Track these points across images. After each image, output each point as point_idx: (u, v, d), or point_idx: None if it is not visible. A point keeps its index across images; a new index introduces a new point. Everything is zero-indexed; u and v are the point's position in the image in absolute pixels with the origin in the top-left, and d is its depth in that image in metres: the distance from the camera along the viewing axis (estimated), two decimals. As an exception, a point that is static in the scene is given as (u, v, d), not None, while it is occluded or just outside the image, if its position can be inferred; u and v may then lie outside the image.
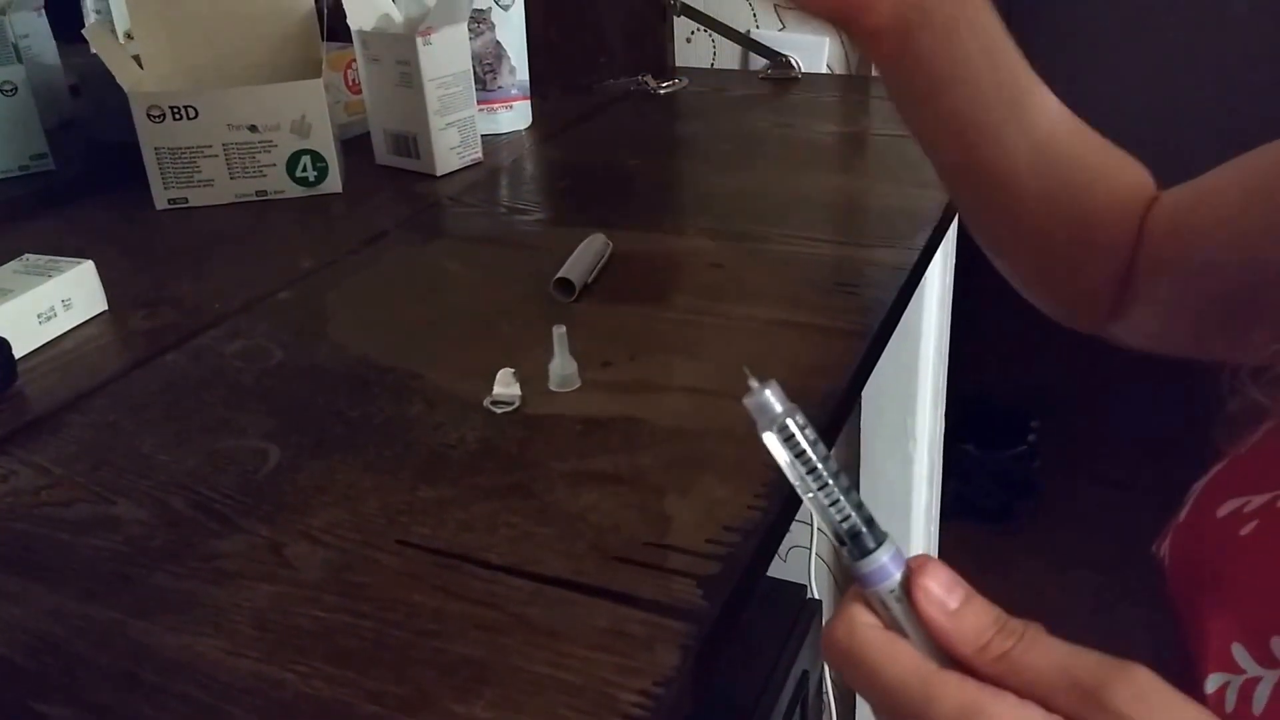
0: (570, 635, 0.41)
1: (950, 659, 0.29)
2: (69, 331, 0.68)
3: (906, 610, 0.30)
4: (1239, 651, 0.33)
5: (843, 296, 0.68)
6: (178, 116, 0.86)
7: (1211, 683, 0.34)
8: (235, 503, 0.50)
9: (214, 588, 0.45)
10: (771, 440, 0.32)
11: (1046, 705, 0.27)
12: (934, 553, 1.55)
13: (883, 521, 0.31)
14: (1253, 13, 2.46)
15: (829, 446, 0.60)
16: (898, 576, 0.30)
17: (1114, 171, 0.52)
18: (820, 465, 0.31)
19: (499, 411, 0.56)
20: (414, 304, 0.72)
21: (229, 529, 0.48)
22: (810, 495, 0.32)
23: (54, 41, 1.10)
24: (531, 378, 0.58)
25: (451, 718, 0.37)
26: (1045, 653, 0.28)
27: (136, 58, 0.93)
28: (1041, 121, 0.51)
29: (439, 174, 0.94)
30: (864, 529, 0.31)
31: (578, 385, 0.58)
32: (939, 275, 1.29)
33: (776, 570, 0.97)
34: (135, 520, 0.49)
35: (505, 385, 0.58)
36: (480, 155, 0.98)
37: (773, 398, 0.32)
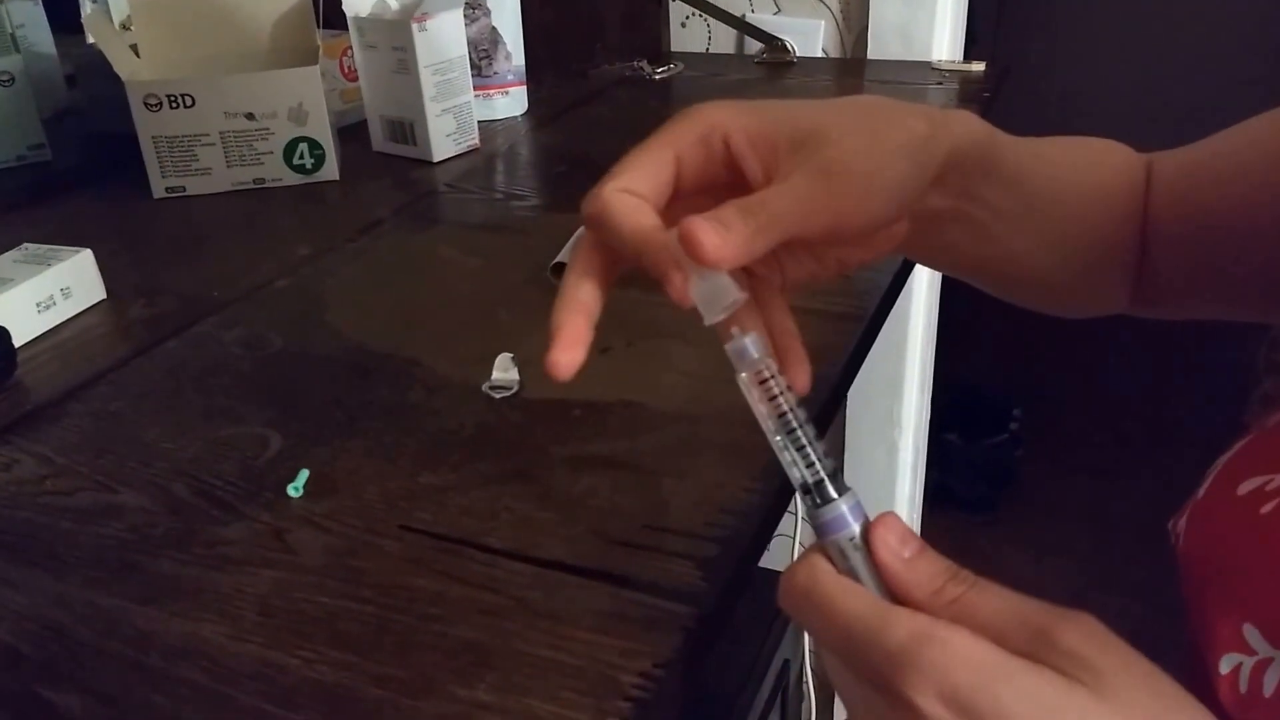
0: (571, 618, 0.41)
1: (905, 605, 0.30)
2: (68, 320, 0.68)
3: (864, 559, 0.31)
4: (1250, 633, 0.33)
5: (837, 281, 0.68)
6: (174, 105, 0.86)
7: (1225, 664, 0.34)
8: (237, 489, 0.50)
9: (217, 574, 0.45)
10: (745, 383, 0.34)
11: (998, 644, 0.28)
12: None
13: (867, 508, 0.32)
14: (1245, 6, 2.45)
15: (824, 429, 0.61)
16: (857, 527, 0.32)
17: (1096, 173, 0.50)
18: (790, 412, 0.33)
19: (498, 397, 0.57)
20: (412, 290, 0.72)
21: (231, 516, 0.49)
22: (779, 439, 0.33)
23: (51, 31, 1.10)
24: (530, 363, 0.59)
25: (454, 700, 0.38)
26: (997, 596, 0.29)
27: (133, 47, 0.93)
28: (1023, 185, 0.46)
29: (435, 160, 0.95)
30: (827, 478, 0.32)
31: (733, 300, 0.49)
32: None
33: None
34: (138, 508, 0.50)
35: (504, 370, 0.58)
36: (477, 141, 0.98)
37: (751, 345, 0.34)
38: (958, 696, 0.27)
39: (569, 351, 0.36)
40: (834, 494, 0.32)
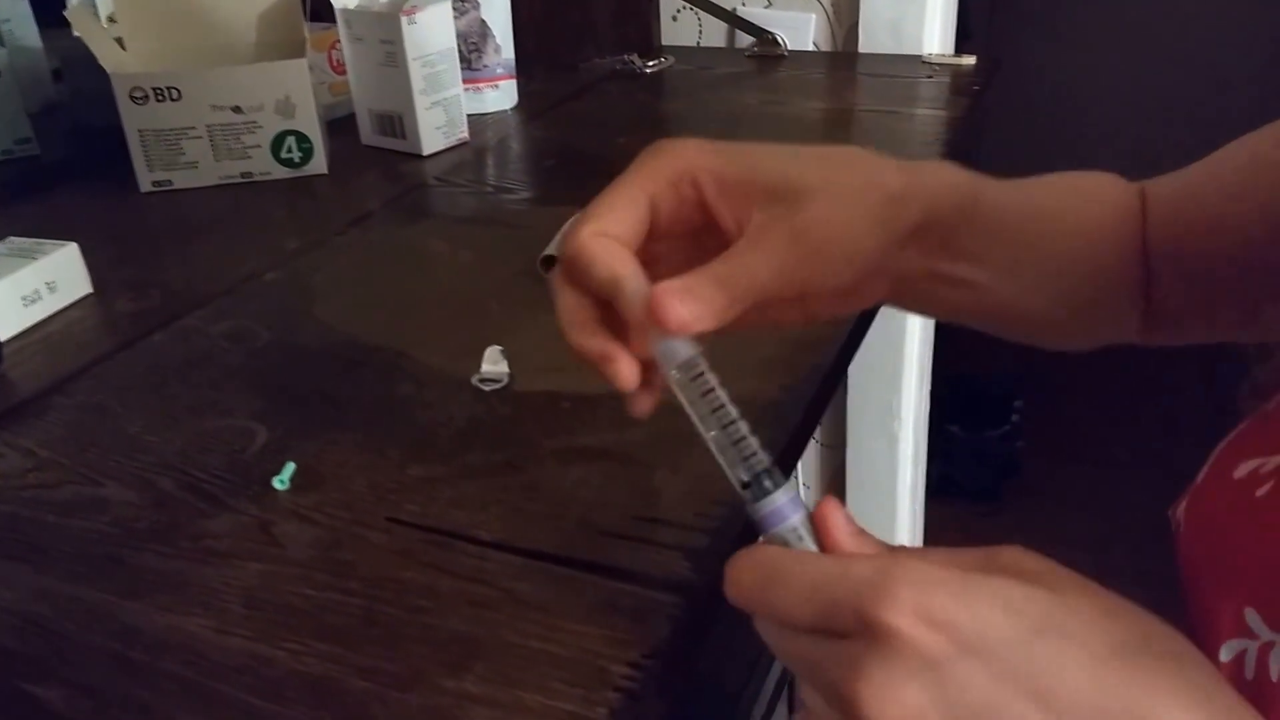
0: (560, 609, 0.41)
1: None
2: (54, 314, 0.68)
3: (811, 545, 0.32)
4: (1251, 617, 0.33)
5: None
6: (161, 98, 0.85)
7: (1226, 650, 0.33)
8: (223, 482, 0.50)
9: (203, 567, 0.44)
10: (675, 381, 0.34)
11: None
12: (919, 533, 1.56)
13: (868, 500, 0.33)
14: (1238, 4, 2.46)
15: (818, 418, 0.60)
16: (800, 515, 0.32)
17: (1087, 209, 0.49)
18: (726, 406, 0.33)
19: (487, 389, 0.56)
20: (401, 284, 0.72)
21: (217, 509, 0.48)
22: (716, 435, 0.33)
23: (36, 25, 1.09)
24: (519, 356, 0.58)
25: (442, 692, 0.37)
26: (936, 553, 0.30)
27: (119, 40, 0.92)
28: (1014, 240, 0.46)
29: (425, 154, 0.94)
30: (764, 472, 0.33)
31: None
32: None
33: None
34: (123, 501, 0.49)
35: (493, 363, 0.58)
36: (466, 135, 0.97)
37: (680, 343, 0.34)
38: (934, 612, 0.27)
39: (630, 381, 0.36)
40: (774, 486, 0.32)
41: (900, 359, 1.32)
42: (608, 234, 0.36)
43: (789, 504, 0.32)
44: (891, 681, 0.27)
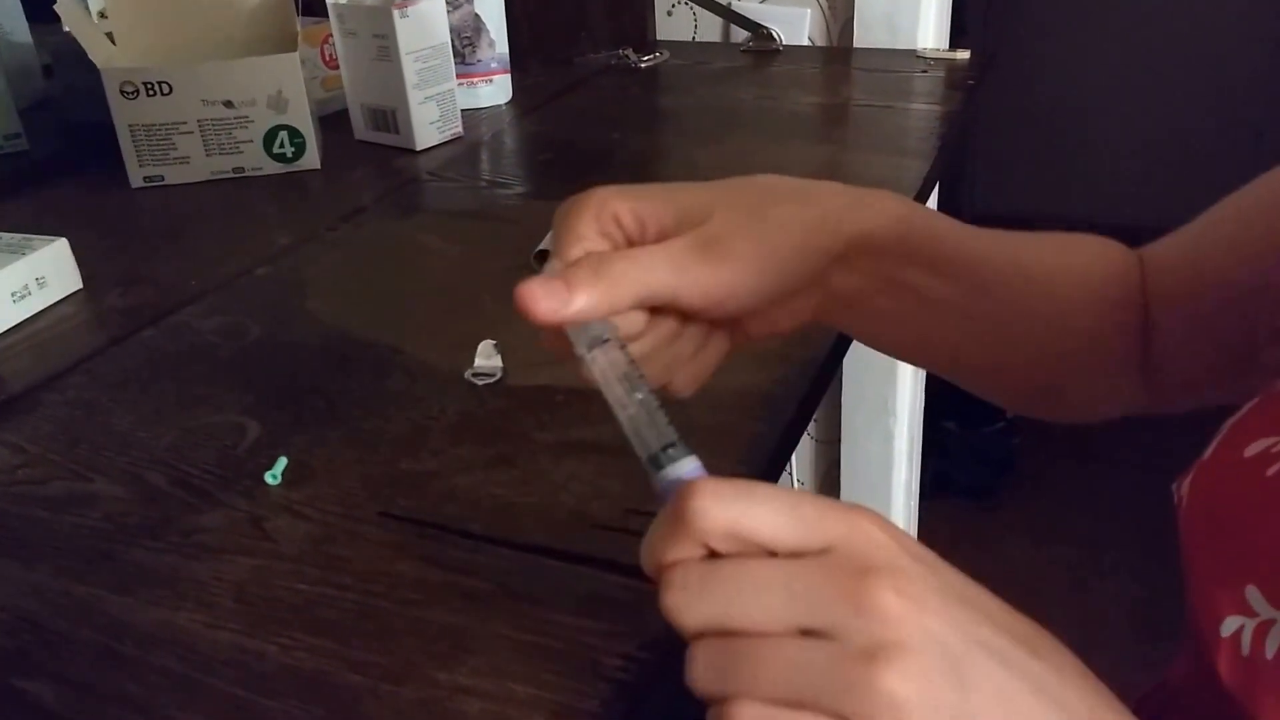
0: (553, 602, 0.41)
1: None
2: (44, 310, 0.67)
3: None
4: (1253, 594, 0.33)
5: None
6: (151, 93, 0.85)
7: (1227, 626, 0.33)
8: (214, 478, 0.50)
9: (194, 562, 0.44)
10: (591, 358, 0.34)
11: None
12: (914, 530, 1.55)
13: (863, 497, 0.33)
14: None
15: (812, 411, 0.60)
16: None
17: (1074, 263, 0.48)
18: (642, 376, 0.34)
19: (480, 383, 0.56)
20: (394, 279, 0.71)
21: (208, 504, 0.48)
22: (632, 405, 0.33)
23: (26, 20, 1.09)
24: (512, 350, 0.58)
25: (434, 685, 0.37)
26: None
27: (110, 35, 0.91)
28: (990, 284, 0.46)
29: (418, 149, 0.94)
30: (675, 444, 0.33)
31: None
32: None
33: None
34: (113, 497, 0.49)
35: (486, 357, 0.57)
36: (460, 129, 0.97)
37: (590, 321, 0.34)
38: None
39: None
40: (680, 456, 0.32)
41: (895, 354, 1.32)
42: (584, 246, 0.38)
43: (700, 467, 0.32)
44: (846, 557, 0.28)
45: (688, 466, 0.32)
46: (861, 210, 0.42)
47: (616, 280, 0.36)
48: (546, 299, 0.35)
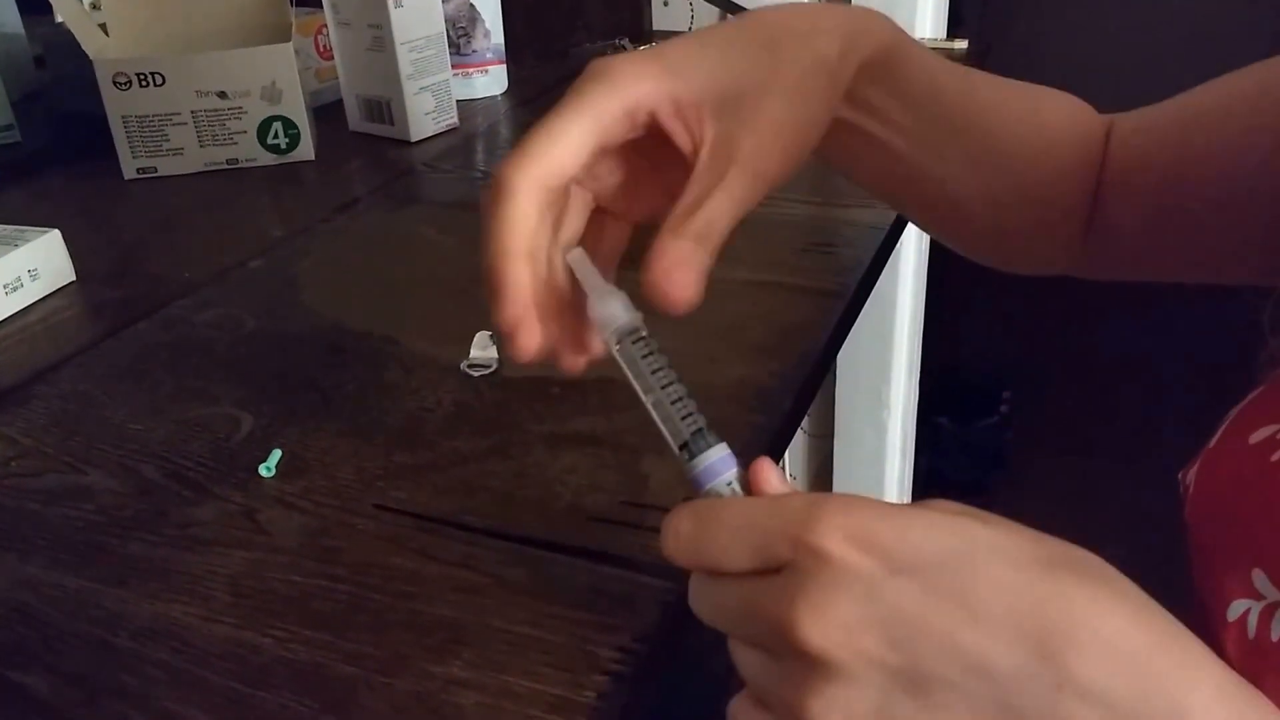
0: (549, 595, 0.41)
1: None
2: (36, 303, 0.67)
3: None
4: (1259, 577, 0.33)
5: (820, 257, 0.68)
6: (144, 83, 0.84)
7: (1233, 610, 0.34)
8: (208, 470, 0.49)
9: (188, 555, 0.44)
10: (615, 344, 0.34)
11: None
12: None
13: (856, 491, 0.33)
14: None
15: (807, 404, 0.60)
16: (731, 473, 0.33)
17: (1040, 114, 0.49)
18: (666, 369, 0.34)
19: (476, 375, 0.56)
20: (388, 270, 0.71)
21: (202, 496, 0.48)
22: (656, 395, 0.34)
23: (18, 11, 1.08)
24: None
25: (429, 678, 0.37)
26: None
27: (102, 25, 0.91)
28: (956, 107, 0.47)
29: (413, 140, 0.93)
30: (699, 432, 0.33)
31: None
32: (914, 246, 1.29)
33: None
34: (107, 489, 0.49)
35: (482, 349, 0.57)
36: (455, 120, 0.97)
37: (619, 307, 0.35)
38: (864, 534, 0.27)
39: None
40: (710, 444, 0.33)
41: (889, 349, 1.32)
42: (547, 177, 0.35)
43: (722, 461, 0.33)
44: (826, 600, 0.27)
45: (715, 455, 0.33)
46: (861, 40, 0.41)
47: (717, 242, 0.35)
48: (687, 289, 0.34)
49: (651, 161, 0.38)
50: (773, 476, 0.32)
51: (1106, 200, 0.48)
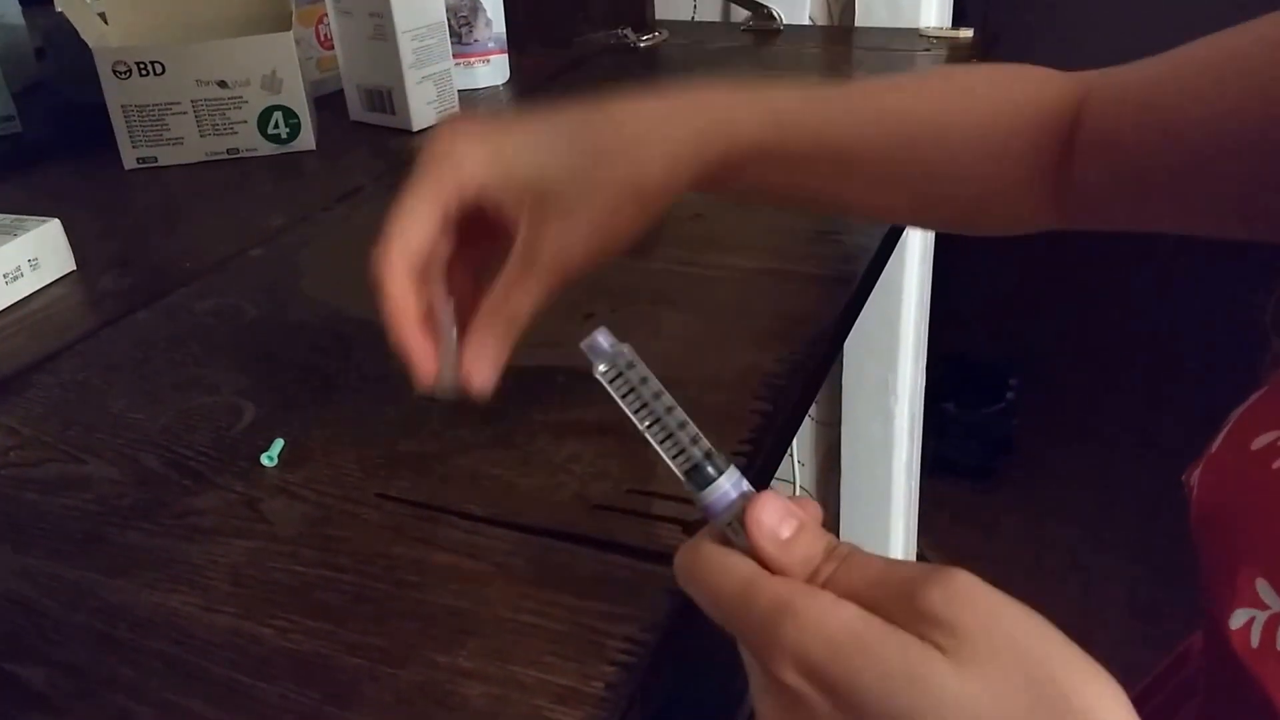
0: (555, 584, 0.40)
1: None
2: (37, 292, 0.66)
3: (741, 544, 0.30)
4: (1263, 587, 0.33)
5: (826, 244, 0.67)
6: (144, 72, 0.84)
7: (1236, 619, 0.33)
8: (209, 459, 0.49)
9: (189, 545, 0.43)
10: (603, 378, 0.34)
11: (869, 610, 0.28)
12: (914, 511, 1.55)
13: (863, 478, 0.32)
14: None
15: (815, 392, 0.59)
16: (731, 514, 0.31)
17: (977, 106, 0.49)
18: (649, 404, 0.33)
19: (479, 364, 0.55)
20: (391, 259, 0.70)
21: (203, 486, 0.47)
22: (648, 428, 0.33)
23: (18, 3, 1.08)
24: (512, 330, 0.57)
25: (434, 668, 0.36)
26: (868, 567, 0.29)
27: (102, 15, 0.90)
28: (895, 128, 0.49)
29: (415, 129, 0.92)
30: (703, 461, 0.32)
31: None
32: (919, 233, 1.28)
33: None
34: (106, 479, 0.48)
35: (485, 337, 0.56)
36: (457, 110, 0.96)
37: (603, 339, 0.34)
38: (813, 669, 0.27)
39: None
40: (712, 475, 0.31)
41: (896, 336, 1.31)
42: (407, 250, 0.43)
43: (723, 497, 0.31)
44: (769, 713, 0.28)
45: (705, 501, 0.31)
46: (713, 142, 0.45)
47: (517, 327, 0.43)
48: (487, 372, 0.43)
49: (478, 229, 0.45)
50: (765, 525, 0.30)
51: (1082, 162, 0.47)
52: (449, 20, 0.95)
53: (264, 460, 0.48)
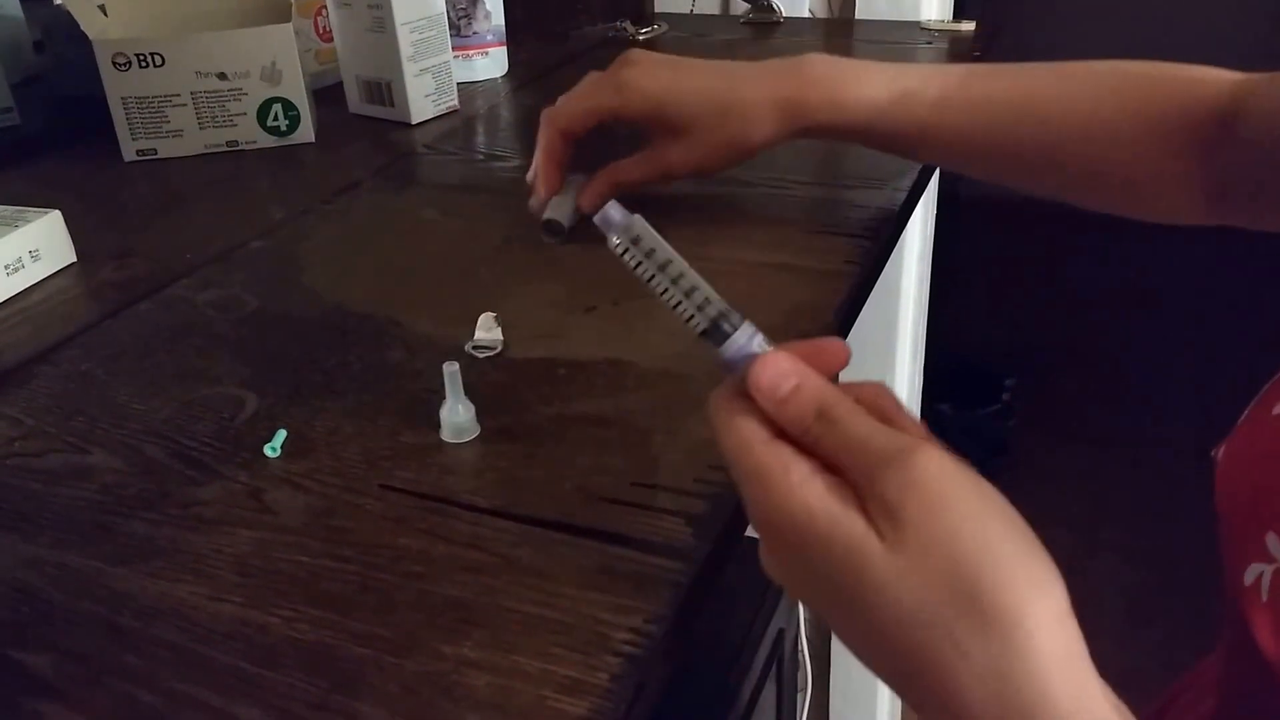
0: (559, 576, 0.40)
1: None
2: (38, 284, 0.66)
3: None
4: (1273, 541, 0.33)
5: (828, 238, 0.67)
6: (144, 64, 0.84)
7: (1249, 574, 0.34)
8: (213, 450, 0.49)
9: (193, 534, 0.44)
10: (620, 247, 0.35)
11: (838, 474, 0.31)
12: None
13: None
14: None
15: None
16: (740, 367, 0.33)
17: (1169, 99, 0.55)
18: (673, 262, 0.34)
19: (481, 356, 0.55)
20: (391, 252, 0.70)
21: (207, 476, 0.47)
22: (667, 288, 0.34)
23: (17, -5, 1.07)
24: (513, 323, 0.57)
25: (439, 658, 0.37)
26: (846, 434, 0.32)
27: (102, 6, 0.90)
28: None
29: (414, 122, 0.93)
30: (717, 321, 0.34)
31: (475, 434, 0.48)
32: (919, 233, 1.29)
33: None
34: (110, 469, 0.48)
35: (487, 330, 0.57)
36: (456, 103, 0.96)
37: (615, 212, 0.35)
38: (776, 535, 0.32)
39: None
40: (727, 332, 0.34)
41: (893, 336, 1.31)
42: (571, 122, 0.65)
43: (737, 353, 0.34)
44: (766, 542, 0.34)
45: (723, 355, 0.34)
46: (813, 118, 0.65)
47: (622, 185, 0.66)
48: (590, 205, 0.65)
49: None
50: (763, 385, 0.32)
51: (1241, 160, 0.50)
52: (448, 12, 0.95)
53: (267, 451, 0.48)
